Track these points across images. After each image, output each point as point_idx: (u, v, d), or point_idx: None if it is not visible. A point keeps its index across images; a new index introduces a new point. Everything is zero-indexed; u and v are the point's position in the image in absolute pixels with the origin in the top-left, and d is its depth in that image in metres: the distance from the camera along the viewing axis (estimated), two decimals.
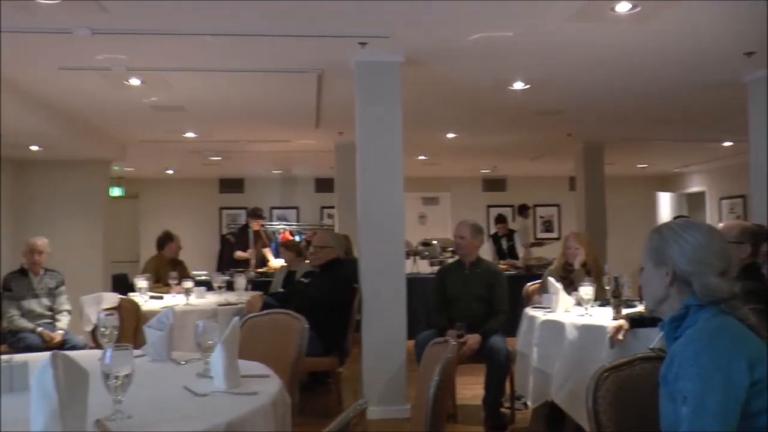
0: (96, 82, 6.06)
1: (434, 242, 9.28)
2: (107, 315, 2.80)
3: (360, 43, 5.02)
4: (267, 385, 2.32)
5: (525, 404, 4.81)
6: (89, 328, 4.85)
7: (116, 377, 1.84)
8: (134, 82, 6.00)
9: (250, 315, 3.66)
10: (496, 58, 5.54)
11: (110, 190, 10.42)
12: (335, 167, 9.91)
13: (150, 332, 2.80)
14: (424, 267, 9.33)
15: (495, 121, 8.33)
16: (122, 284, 8.60)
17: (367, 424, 1.72)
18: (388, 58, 5.29)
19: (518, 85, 6.34)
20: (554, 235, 14.17)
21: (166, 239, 7.00)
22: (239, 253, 8.78)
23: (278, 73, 5.89)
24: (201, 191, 13.84)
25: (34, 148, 8.52)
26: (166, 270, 6.58)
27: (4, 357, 2.81)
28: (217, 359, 2.29)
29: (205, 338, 2.44)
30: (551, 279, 4.56)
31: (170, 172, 12.94)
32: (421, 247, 9.23)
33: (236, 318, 2.55)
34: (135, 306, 5.05)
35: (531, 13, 4.53)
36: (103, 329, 2.73)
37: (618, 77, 6.16)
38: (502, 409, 4.79)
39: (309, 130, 8.48)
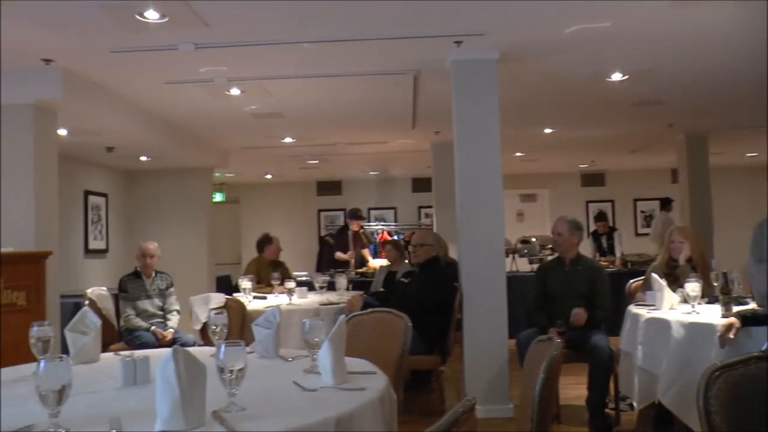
0: (199, 94, 6.33)
1: (533, 240, 9.15)
2: (217, 314, 2.93)
3: (455, 42, 5.02)
4: (374, 381, 2.36)
5: (631, 405, 4.68)
6: (198, 327, 5.08)
7: (231, 371, 1.93)
8: (235, 91, 6.23)
9: (353, 314, 3.73)
10: (592, 50, 5.41)
11: (213, 195, 10.83)
12: (432, 166, 9.93)
13: (258, 330, 2.90)
14: (523, 265, 9.21)
15: (592, 115, 8.13)
16: (225, 285, 8.95)
17: (477, 422, 1.71)
18: (484, 56, 5.27)
19: (616, 77, 6.17)
20: None
21: (265, 241, 7.22)
22: (339, 255, 8.93)
23: (375, 76, 5.97)
24: (299, 194, 14.18)
25: (143, 158, 9.03)
26: (267, 271, 6.79)
27: (125, 353, 3.01)
28: (324, 355, 2.35)
29: (312, 335, 2.51)
30: (655, 275, 4.41)
31: (269, 176, 13.33)
32: (519, 245, 9.12)
33: (342, 316, 2.60)
34: (241, 306, 5.23)
35: (630, 2, 4.40)
36: (213, 327, 2.85)
37: (723, 62, 5.88)
38: (607, 410, 4.67)
39: (405, 130, 8.55)
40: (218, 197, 12.45)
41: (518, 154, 10.97)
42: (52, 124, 5.89)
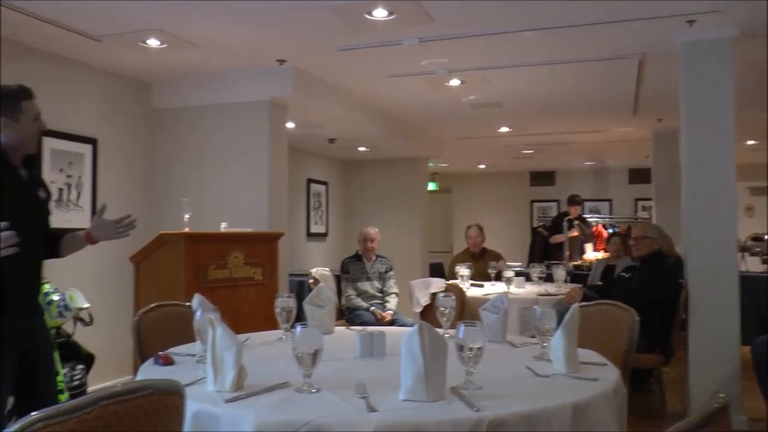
0: (419, 86, 6.53)
1: (766, 237, 8.38)
2: (445, 296, 3.03)
3: (687, 22, 4.71)
4: (606, 372, 2.32)
5: None
6: (419, 310, 5.26)
7: (470, 349, 2.00)
8: (454, 82, 6.34)
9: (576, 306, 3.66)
10: None
11: (427, 185, 11.12)
12: (652, 156, 9.39)
13: (486, 315, 2.96)
14: (754, 265, 8.44)
15: None
16: (438, 273, 9.13)
17: (730, 423, 1.59)
18: (720, 35, 4.87)
19: None
20: None
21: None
22: (556, 237, 8.71)
23: (597, 62, 5.77)
24: (512, 184, 14.11)
25: (361, 148, 9.52)
26: (479, 261, 6.87)
27: (358, 327, 3.21)
28: (557, 343, 2.35)
29: (543, 323, 2.52)
30: None
31: (482, 166, 13.39)
32: (750, 243, 8.37)
33: (575, 304, 2.58)
34: (461, 291, 5.33)
35: None
36: (442, 309, 2.98)
37: None
38: None
39: (625, 118, 8.19)
40: (431, 186, 12.75)
41: (750, 142, 10.02)
42: (283, 118, 6.41)
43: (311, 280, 6.37)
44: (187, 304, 3.08)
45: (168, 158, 6.48)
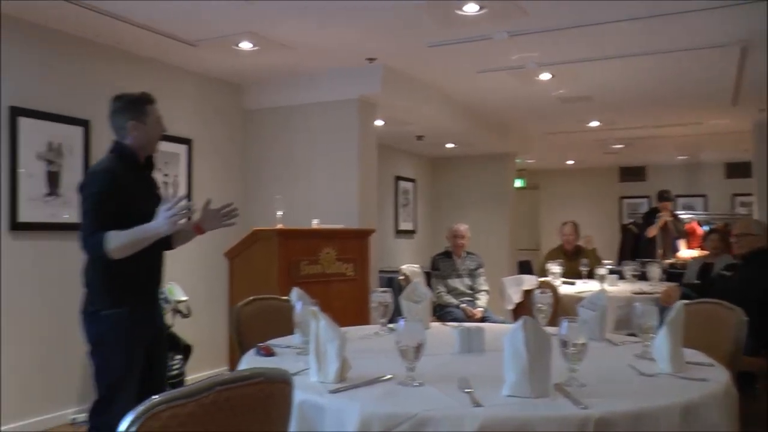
0: (508, 81, 6.45)
1: None
2: (542, 293, 3.00)
3: None
4: (714, 373, 2.23)
5: None
6: (511, 307, 5.21)
7: (574, 345, 1.96)
8: (545, 76, 6.23)
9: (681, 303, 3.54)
10: None
11: (515, 181, 10.98)
12: (752, 149, 8.95)
13: (583, 312, 2.90)
14: None
15: None
16: (526, 271, 8.99)
17: None
18: None
19: None
20: None
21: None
22: (650, 229, 8.36)
23: (696, 50, 5.55)
24: (600, 180, 13.76)
25: (449, 145, 9.48)
26: (573, 258, 6.72)
27: (454, 324, 3.21)
28: (661, 342, 2.27)
29: (645, 320, 2.45)
30: None
31: (570, 162, 13.12)
32: None
33: (681, 302, 2.49)
34: (553, 289, 5.24)
35: None
36: (540, 305, 2.95)
37: None
38: None
39: (723, 109, 7.84)
40: (518, 183, 12.58)
41: None
42: (372, 116, 6.46)
43: (401, 277, 6.40)
44: (284, 298, 3.18)
45: (258, 157, 6.64)
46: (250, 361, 2.42)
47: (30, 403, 4.69)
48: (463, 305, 5.99)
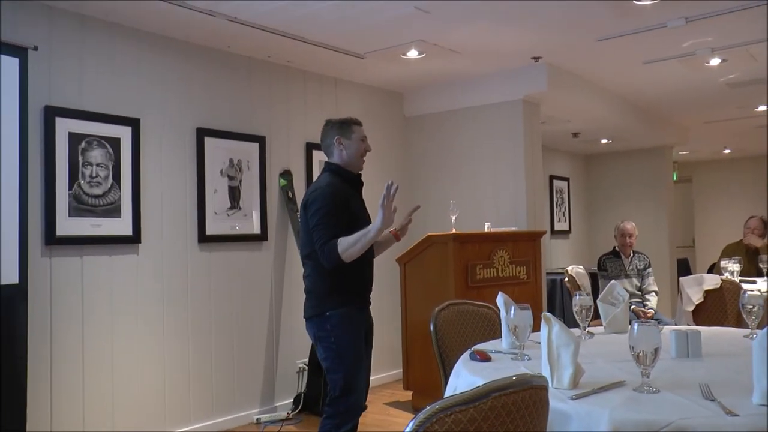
0: (675, 70, 6.18)
1: None
2: (751, 294, 2.87)
3: None
4: None
5: None
6: (690, 308, 4.98)
7: None
8: (715, 61, 5.92)
9: None
10: None
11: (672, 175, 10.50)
12: None
13: None
14: None
15: None
16: (683, 269, 8.52)
17: None
18: None
19: None
20: None
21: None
22: None
23: None
24: (762, 170, 12.84)
25: (604, 141, 9.22)
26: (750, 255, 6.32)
27: (669, 327, 3.13)
28: None
29: None
30: None
31: (727, 151, 12.35)
32: None
33: None
34: (738, 287, 4.97)
35: None
36: (750, 307, 2.82)
37: None
38: None
39: None
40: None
41: None
42: (537, 115, 6.39)
43: (566, 278, 6.29)
44: (478, 302, 3.24)
45: (419, 163, 6.75)
46: (468, 367, 2.46)
47: (216, 404, 5.01)
48: (634, 307, 5.80)
